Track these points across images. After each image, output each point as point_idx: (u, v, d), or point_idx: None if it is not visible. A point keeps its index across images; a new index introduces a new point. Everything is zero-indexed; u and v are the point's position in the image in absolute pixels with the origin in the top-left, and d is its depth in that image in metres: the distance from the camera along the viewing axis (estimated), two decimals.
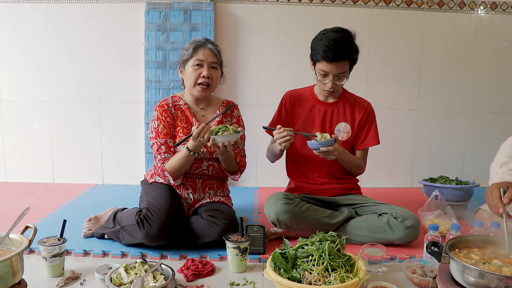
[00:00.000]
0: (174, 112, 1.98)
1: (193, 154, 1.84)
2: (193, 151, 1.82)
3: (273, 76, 2.97)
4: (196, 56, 1.93)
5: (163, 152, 1.92)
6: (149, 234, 1.73)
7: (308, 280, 1.36)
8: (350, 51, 1.92)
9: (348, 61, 1.94)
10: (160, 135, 1.93)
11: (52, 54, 2.93)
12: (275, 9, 2.92)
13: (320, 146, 1.88)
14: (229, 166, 1.99)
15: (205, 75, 1.92)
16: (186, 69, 1.96)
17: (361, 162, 2.14)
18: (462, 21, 3.00)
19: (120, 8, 2.88)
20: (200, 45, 1.94)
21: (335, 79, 1.96)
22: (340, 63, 1.92)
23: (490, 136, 3.12)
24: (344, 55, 1.90)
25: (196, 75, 1.93)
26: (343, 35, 1.92)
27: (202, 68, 1.93)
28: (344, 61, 1.92)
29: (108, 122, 3.01)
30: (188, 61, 1.94)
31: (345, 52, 1.90)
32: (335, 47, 1.88)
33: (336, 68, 1.93)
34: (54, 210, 2.40)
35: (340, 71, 1.94)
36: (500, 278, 1.14)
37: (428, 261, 1.64)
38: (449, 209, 2.12)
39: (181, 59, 1.99)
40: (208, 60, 1.93)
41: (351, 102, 2.13)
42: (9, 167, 3.08)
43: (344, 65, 1.94)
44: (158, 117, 1.96)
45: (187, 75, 1.96)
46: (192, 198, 2.00)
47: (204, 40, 1.97)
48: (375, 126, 2.14)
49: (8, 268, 1.24)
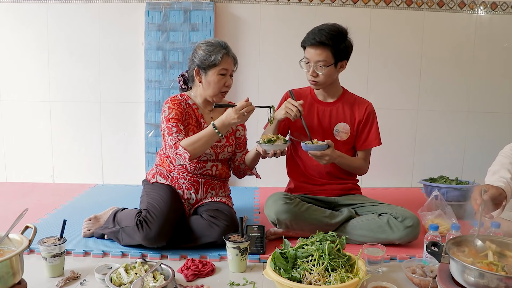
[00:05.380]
0: (185, 108, 1.96)
1: (218, 134, 1.79)
2: (219, 129, 1.78)
3: (273, 76, 2.97)
4: (223, 65, 1.89)
5: (174, 132, 1.85)
6: (148, 236, 1.72)
7: (308, 280, 1.36)
8: (333, 40, 1.91)
9: (330, 50, 1.92)
10: (171, 120, 1.88)
11: (52, 54, 2.93)
12: (275, 9, 2.92)
13: (309, 150, 1.89)
14: (251, 164, 2.05)
15: (228, 84, 1.94)
16: (208, 75, 1.91)
17: (362, 163, 2.12)
18: (462, 21, 2.99)
19: (120, 8, 2.88)
20: (226, 53, 1.90)
21: (316, 67, 1.95)
22: (320, 49, 1.92)
23: (490, 136, 3.13)
24: (322, 41, 1.89)
25: (221, 85, 1.92)
26: (331, 26, 1.94)
27: (226, 77, 1.93)
28: (324, 47, 1.91)
29: (108, 122, 3.01)
30: (214, 68, 1.90)
31: (324, 38, 1.89)
32: (317, 33, 1.91)
33: (315, 54, 1.93)
34: (54, 210, 2.40)
35: (320, 58, 1.93)
36: (500, 278, 1.14)
37: (428, 261, 1.64)
38: (449, 209, 2.12)
39: (200, 62, 1.91)
40: (231, 69, 1.94)
41: (351, 102, 2.12)
42: (9, 167, 3.08)
43: (325, 52, 1.92)
44: (169, 106, 1.92)
45: (210, 82, 1.92)
46: (195, 198, 2.00)
47: (225, 45, 1.92)
48: (376, 126, 2.13)
49: (8, 268, 1.24)
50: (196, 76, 1.95)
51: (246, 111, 1.75)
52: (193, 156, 1.80)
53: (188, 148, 1.78)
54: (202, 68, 1.92)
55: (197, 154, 1.82)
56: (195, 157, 1.82)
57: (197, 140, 1.79)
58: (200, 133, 1.81)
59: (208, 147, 1.85)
